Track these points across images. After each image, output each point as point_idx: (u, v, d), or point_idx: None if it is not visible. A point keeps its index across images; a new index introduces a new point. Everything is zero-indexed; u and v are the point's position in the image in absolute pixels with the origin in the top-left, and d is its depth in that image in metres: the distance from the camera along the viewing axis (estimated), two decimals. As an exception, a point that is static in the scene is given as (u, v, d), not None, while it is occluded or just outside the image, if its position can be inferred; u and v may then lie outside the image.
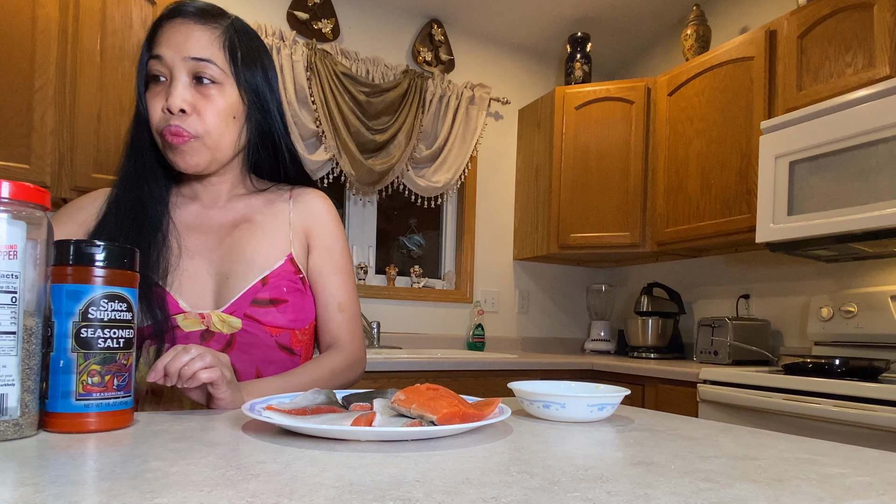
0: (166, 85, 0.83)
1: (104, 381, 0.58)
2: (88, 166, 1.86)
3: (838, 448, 0.62)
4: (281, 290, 0.88)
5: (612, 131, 2.68)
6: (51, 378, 0.57)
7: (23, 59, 1.78)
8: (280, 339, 0.88)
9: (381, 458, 0.50)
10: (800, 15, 2.02)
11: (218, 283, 0.87)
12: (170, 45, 0.82)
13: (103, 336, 0.58)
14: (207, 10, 0.86)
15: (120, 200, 0.86)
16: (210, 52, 0.84)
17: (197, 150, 0.85)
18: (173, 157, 0.85)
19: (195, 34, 0.83)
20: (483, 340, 2.84)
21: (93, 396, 0.57)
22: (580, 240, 2.71)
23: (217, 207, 0.93)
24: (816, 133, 1.85)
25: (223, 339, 0.84)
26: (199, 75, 0.83)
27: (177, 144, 0.83)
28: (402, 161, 2.65)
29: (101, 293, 0.58)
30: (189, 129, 0.83)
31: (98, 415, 0.58)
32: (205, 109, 0.84)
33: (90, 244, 0.58)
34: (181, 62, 0.82)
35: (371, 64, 2.64)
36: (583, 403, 0.71)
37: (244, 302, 0.85)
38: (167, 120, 0.83)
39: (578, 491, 0.42)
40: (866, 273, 2.13)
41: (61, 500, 0.36)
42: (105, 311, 0.58)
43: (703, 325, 2.34)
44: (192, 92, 0.83)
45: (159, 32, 0.84)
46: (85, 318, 0.57)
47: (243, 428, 0.62)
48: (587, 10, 2.86)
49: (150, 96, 0.85)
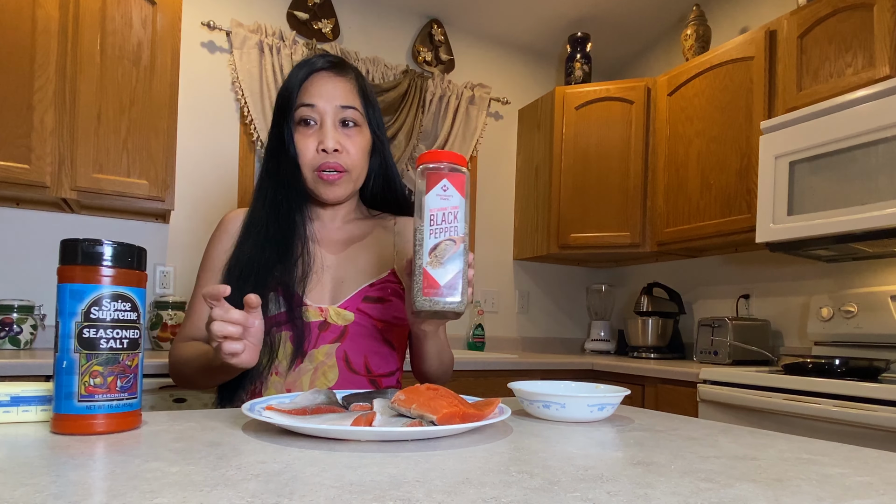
0: (316, 129, 0.99)
1: (107, 383, 0.57)
2: (88, 166, 1.86)
3: (838, 448, 0.62)
4: (387, 291, 1.01)
5: (612, 131, 2.68)
6: (55, 379, 0.57)
7: (23, 59, 1.78)
8: (385, 332, 1.01)
9: (381, 458, 0.50)
10: (800, 15, 2.02)
11: (334, 286, 1.01)
12: (321, 96, 0.99)
13: (106, 336, 0.57)
14: (342, 63, 1.04)
15: (268, 217, 1.00)
16: (352, 100, 1.01)
17: (344, 184, 1.01)
18: (324, 189, 1.00)
19: (340, 85, 1.01)
20: (483, 340, 2.84)
21: (96, 398, 0.56)
22: (580, 240, 2.71)
23: (335, 228, 1.08)
24: (816, 133, 1.85)
25: (338, 329, 0.97)
26: (344, 119, 1.00)
27: (332, 181, 0.99)
28: (402, 161, 2.65)
29: (105, 293, 0.57)
30: (343, 164, 0.99)
31: (103, 416, 0.57)
32: (350, 148, 1.00)
33: (94, 242, 0.57)
34: (332, 109, 0.99)
35: (371, 64, 2.64)
36: (583, 403, 0.71)
37: (357, 299, 0.99)
38: (322, 158, 0.98)
39: (578, 491, 0.42)
40: (866, 273, 2.13)
41: (61, 500, 0.36)
42: (108, 310, 0.57)
43: (703, 325, 2.34)
44: (339, 134, 0.99)
45: (308, 82, 1.00)
46: (87, 317, 0.56)
47: (243, 428, 0.62)
48: (587, 10, 2.86)
49: (300, 137, 0.99)
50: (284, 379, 0.95)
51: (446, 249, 0.73)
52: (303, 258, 0.99)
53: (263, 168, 1.05)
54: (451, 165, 0.74)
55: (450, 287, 0.73)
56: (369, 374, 0.99)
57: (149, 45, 1.97)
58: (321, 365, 0.95)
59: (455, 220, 0.73)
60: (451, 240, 0.73)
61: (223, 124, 2.42)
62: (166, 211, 2.12)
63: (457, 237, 0.74)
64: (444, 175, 0.73)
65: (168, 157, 1.99)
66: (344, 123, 1.00)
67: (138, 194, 1.94)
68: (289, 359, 0.95)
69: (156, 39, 1.98)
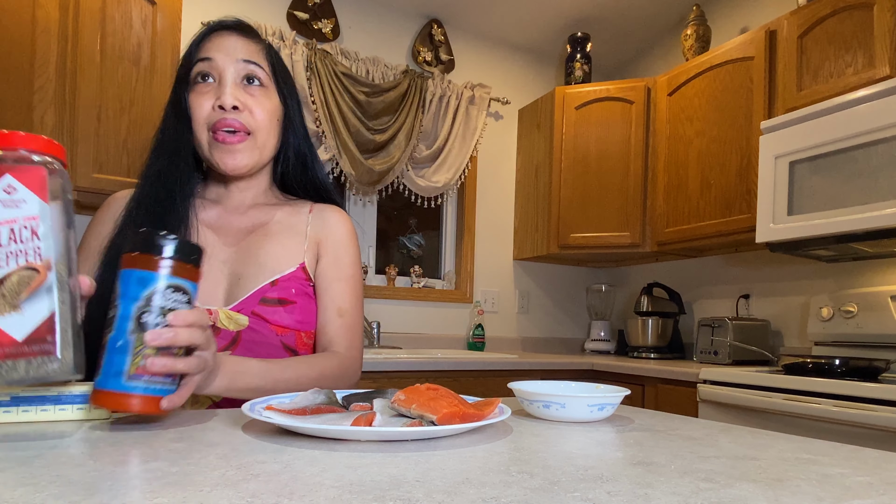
0: (214, 86, 0.88)
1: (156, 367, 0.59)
2: (88, 166, 1.86)
3: (838, 448, 0.62)
4: (290, 291, 0.90)
5: (612, 131, 2.68)
6: (106, 357, 0.58)
7: (23, 59, 1.78)
8: (285, 339, 0.89)
9: (381, 458, 0.50)
10: (800, 15, 2.02)
11: (229, 283, 0.89)
12: (220, 50, 0.88)
13: (162, 323, 0.59)
14: (248, 27, 0.93)
15: (149, 195, 0.87)
16: (258, 59, 0.90)
17: (247, 150, 0.88)
18: (221, 155, 0.88)
19: (242, 42, 0.90)
20: (483, 340, 2.84)
21: (142, 379, 0.58)
22: (580, 240, 2.71)
23: (238, 213, 0.95)
24: (816, 133, 1.85)
25: (228, 336, 0.85)
26: (249, 76, 0.89)
27: (232, 143, 0.87)
28: (402, 161, 2.65)
29: (166, 283, 0.59)
30: (245, 123, 0.87)
31: (142, 397, 0.58)
32: (254, 107, 0.88)
33: (164, 236, 0.60)
34: (232, 63, 0.88)
35: (371, 64, 2.64)
36: (583, 403, 0.71)
37: (253, 300, 0.87)
38: (219, 115, 0.86)
39: (578, 491, 0.42)
40: (866, 273, 2.13)
41: (61, 500, 0.36)
42: (167, 300, 0.59)
43: (703, 325, 2.34)
44: (241, 91, 0.88)
45: (206, 40, 0.89)
46: (148, 303, 0.58)
47: (243, 428, 0.62)
48: (587, 10, 2.86)
49: (195, 95, 0.88)
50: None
51: (22, 283, 0.51)
52: None
53: (155, 142, 0.91)
54: (20, 154, 0.53)
55: (36, 342, 0.51)
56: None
57: (149, 45, 1.97)
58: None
59: (34, 237, 0.52)
60: (32, 268, 0.52)
61: (223, 124, 2.41)
62: (166, 211, 2.12)
63: (40, 263, 0.52)
64: (5, 169, 0.52)
65: (168, 157, 1.99)
66: (248, 80, 0.89)
67: (138, 194, 1.94)
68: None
69: (156, 39, 1.98)
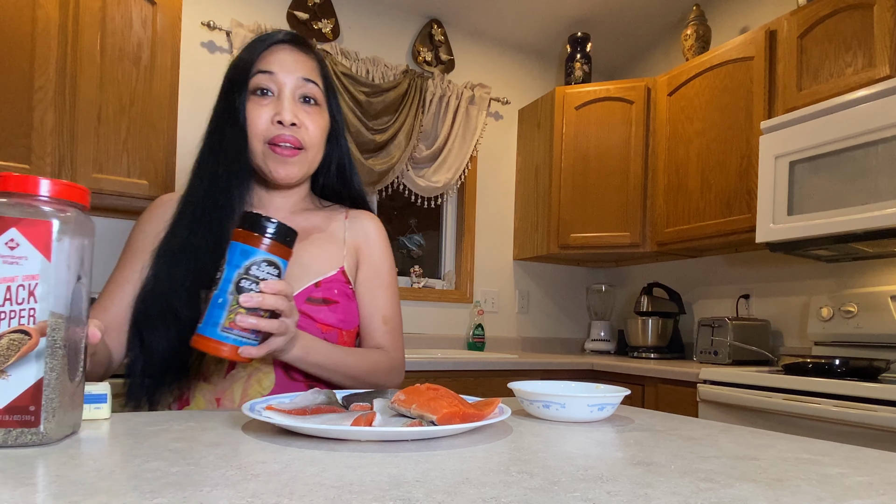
0: (273, 99, 0.91)
1: (245, 325, 0.70)
2: (88, 166, 1.86)
3: (838, 448, 0.62)
4: (332, 291, 0.95)
5: (612, 131, 2.68)
6: (208, 310, 0.70)
7: (23, 59, 1.78)
8: (329, 336, 0.93)
9: (381, 458, 0.50)
10: (800, 15, 2.02)
11: None
12: (281, 65, 0.91)
13: (255, 289, 0.70)
14: (306, 41, 0.98)
15: (206, 196, 0.90)
16: (314, 76, 0.94)
17: (299, 164, 0.93)
18: (275, 165, 0.91)
19: (302, 58, 0.94)
20: (483, 340, 2.84)
21: (233, 332, 0.70)
22: (580, 240, 2.71)
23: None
24: (816, 133, 1.85)
25: None
26: (305, 95, 0.93)
27: (287, 157, 0.91)
28: (402, 161, 2.65)
29: (263, 258, 0.70)
30: (301, 140, 0.91)
31: (230, 347, 0.70)
32: (309, 125, 0.93)
33: (267, 219, 0.70)
34: (292, 80, 0.91)
35: (371, 64, 2.64)
36: (583, 403, 0.71)
37: (300, 300, 0.91)
38: (277, 130, 0.90)
39: (578, 491, 0.42)
40: (866, 273, 2.13)
41: (61, 500, 0.36)
42: (262, 271, 0.70)
43: (703, 325, 2.34)
44: (298, 107, 0.92)
45: (268, 52, 0.92)
46: (247, 272, 0.70)
47: (243, 428, 0.62)
48: (587, 10, 2.86)
49: (253, 107, 0.91)
50: (215, 386, 0.87)
51: (11, 347, 0.48)
52: None
53: (205, 144, 0.94)
54: (29, 203, 0.49)
55: (18, 412, 0.49)
56: (309, 381, 0.91)
57: (149, 45, 1.97)
58: (256, 371, 0.88)
59: (31, 298, 0.48)
60: (23, 331, 0.48)
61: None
62: (166, 211, 2.12)
63: (33, 327, 0.49)
64: (11, 222, 0.48)
65: (168, 157, 1.99)
66: (305, 100, 0.93)
67: (138, 194, 1.94)
68: (219, 364, 0.87)
69: (156, 39, 1.98)
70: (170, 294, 0.84)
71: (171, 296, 0.84)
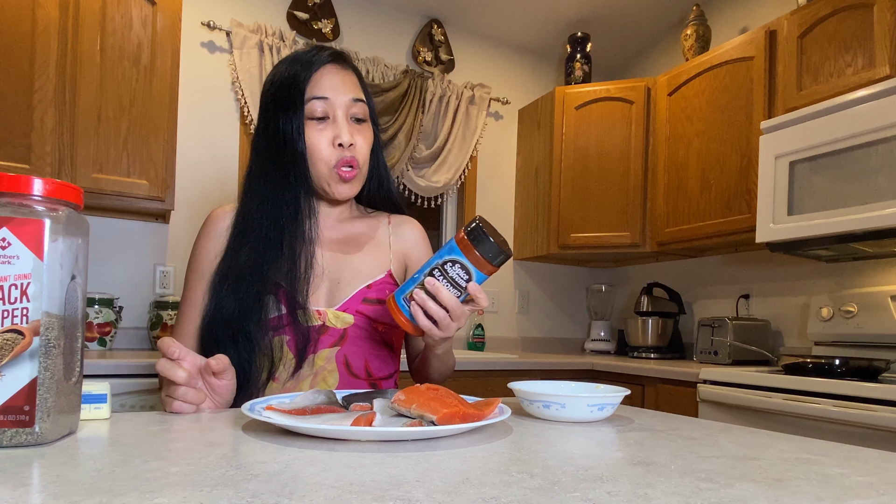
0: (329, 122, 0.95)
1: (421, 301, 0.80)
2: (88, 166, 1.86)
3: (838, 448, 0.62)
4: (384, 293, 0.99)
5: (612, 131, 2.68)
6: (405, 284, 0.82)
7: (23, 59, 1.78)
8: (385, 334, 0.99)
9: (381, 458, 0.50)
10: (800, 15, 2.02)
11: (329, 287, 0.98)
12: (333, 89, 0.95)
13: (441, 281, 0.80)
14: (347, 57, 1.01)
15: (267, 218, 0.94)
16: (360, 94, 0.98)
17: (357, 181, 0.98)
18: (337, 186, 0.97)
19: (348, 77, 0.98)
20: (483, 340, 2.84)
21: (410, 304, 0.81)
22: (580, 240, 2.71)
23: (328, 226, 1.04)
24: (816, 133, 1.85)
25: (336, 333, 0.95)
26: (355, 115, 0.97)
27: (349, 178, 0.96)
28: (402, 161, 2.65)
29: (462, 262, 0.79)
30: (356, 157, 0.96)
31: (405, 318, 0.82)
32: (361, 144, 0.97)
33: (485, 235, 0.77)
34: (344, 103, 0.95)
35: (371, 64, 2.64)
36: (583, 403, 0.71)
37: (356, 301, 0.97)
38: (339, 153, 0.94)
39: (578, 491, 0.42)
40: (866, 273, 2.13)
41: (61, 500, 0.36)
42: (454, 272, 0.79)
43: (703, 325, 2.34)
44: (352, 127, 0.96)
45: (318, 73, 0.96)
46: (443, 266, 0.79)
47: (243, 428, 0.62)
48: (587, 10, 2.86)
49: (313, 133, 0.94)
50: (283, 385, 0.92)
51: (5, 347, 0.47)
52: (305, 259, 0.94)
53: (257, 166, 0.98)
54: (22, 202, 0.49)
55: (12, 411, 0.48)
56: (370, 378, 0.97)
57: (149, 45, 1.97)
58: (321, 370, 0.93)
59: (24, 298, 0.48)
60: (17, 331, 0.48)
61: (223, 124, 2.42)
62: (166, 211, 2.12)
63: (27, 326, 0.48)
64: (3, 221, 0.48)
65: (168, 157, 1.99)
66: (355, 119, 0.97)
67: (138, 194, 1.94)
68: (288, 365, 0.92)
69: (156, 39, 1.98)
70: (241, 317, 0.89)
71: (242, 319, 0.89)
